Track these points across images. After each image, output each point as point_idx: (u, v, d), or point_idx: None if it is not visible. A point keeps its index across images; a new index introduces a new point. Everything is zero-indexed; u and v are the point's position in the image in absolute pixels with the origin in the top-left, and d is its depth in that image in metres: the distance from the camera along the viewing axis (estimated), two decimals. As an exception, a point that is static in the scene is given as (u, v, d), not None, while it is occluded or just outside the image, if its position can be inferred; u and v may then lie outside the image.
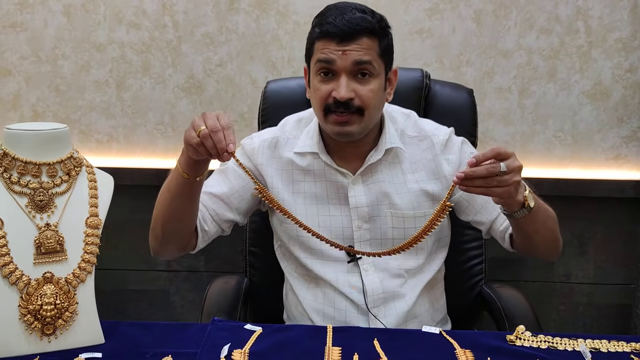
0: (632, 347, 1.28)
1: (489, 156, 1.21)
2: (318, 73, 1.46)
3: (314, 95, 1.49)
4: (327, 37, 1.42)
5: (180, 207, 1.44)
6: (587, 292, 2.45)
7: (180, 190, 1.40)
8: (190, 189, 1.41)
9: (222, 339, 1.26)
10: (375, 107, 1.47)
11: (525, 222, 1.36)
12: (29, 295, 1.21)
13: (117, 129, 2.33)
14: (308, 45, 1.51)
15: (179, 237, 1.50)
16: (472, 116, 1.85)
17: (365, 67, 1.43)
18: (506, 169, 1.21)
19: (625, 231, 2.40)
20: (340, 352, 1.22)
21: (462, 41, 2.24)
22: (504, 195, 1.25)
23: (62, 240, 1.25)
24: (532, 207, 1.32)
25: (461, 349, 1.25)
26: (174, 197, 1.42)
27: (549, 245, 1.51)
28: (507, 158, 1.22)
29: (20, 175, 1.24)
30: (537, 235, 1.44)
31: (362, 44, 1.42)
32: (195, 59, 2.27)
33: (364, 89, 1.44)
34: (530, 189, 1.34)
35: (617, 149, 2.32)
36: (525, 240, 1.47)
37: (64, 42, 2.25)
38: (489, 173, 1.20)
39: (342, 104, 1.42)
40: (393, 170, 1.57)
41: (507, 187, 1.23)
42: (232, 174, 1.58)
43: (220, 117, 1.27)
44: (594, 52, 2.24)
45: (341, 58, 1.41)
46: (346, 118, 1.44)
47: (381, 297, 1.53)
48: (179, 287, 2.47)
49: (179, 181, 1.39)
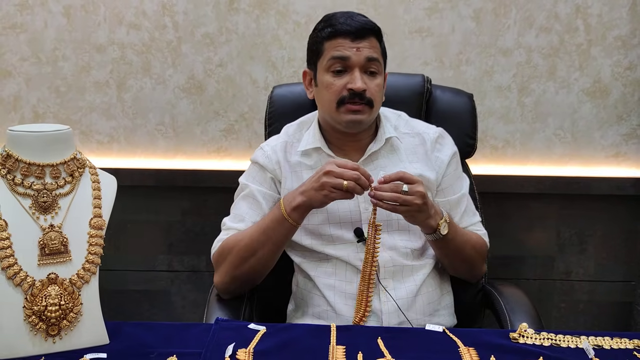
0: (635, 343, 1.28)
1: (394, 178, 1.45)
2: (330, 70, 1.58)
3: (326, 91, 1.60)
4: (341, 35, 1.57)
5: (272, 250, 1.57)
6: (587, 290, 2.46)
7: (282, 237, 1.55)
8: (291, 234, 1.57)
9: (227, 339, 1.26)
10: (380, 101, 1.63)
11: (438, 245, 1.59)
12: (34, 297, 1.21)
13: (118, 129, 2.33)
14: (314, 47, 1.63)
15: (262, 277, 1.64)
16: (472, 120, 1.92)
17: (374, 64, 1.59)
18: (408, 190, 1.43)
19: (626, 228, 2.41)
20: (344, 351, 1.23)
21: (461, 40, 2.25)
22: (407, 215, 1.49)
23: (66, 241, 1.25)
24: (443, 234, 1.53)
25: (465, 347, 1.25)
26: (279, 247, 1.58)
27: (460, 270, 1.71)
28: (412, 183, 1.45)
29: (24, 176, 1.24)
30: (447, 258, 1.66)
31: (371, 42, 1.58)
32: (195, 60, 2.27)
33: (373, 84, 1.59)
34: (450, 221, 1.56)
35: (617, 147, 2.32)
36: (441, 259, 1.67)
37: (64, 43, 2.25)
38: (392, 190, 1.43)
39: (357, 94, 1.56)
40: (392, 159, 1.68)
41: (410, 207, 1.45)
42: (260, 195, 1.66)
43: (344, 165, 1.46)
44: (593, 50, 2.25)
45: (356, 54, 1.56)
46: (360, 107, 1.57)
47: (391, 270, 1.59)
48: (180, 288, 2.47)
49: (289, 233, 1.55)
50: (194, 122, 2.32)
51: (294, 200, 1.50)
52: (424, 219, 1.50)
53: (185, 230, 2.41)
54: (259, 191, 1.66)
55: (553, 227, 2.41)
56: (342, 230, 1.62)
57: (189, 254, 2.43)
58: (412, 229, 1.63)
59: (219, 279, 1.62)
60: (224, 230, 1.66)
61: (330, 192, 1.45)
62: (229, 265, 1.58)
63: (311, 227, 1.63)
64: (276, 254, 1.59)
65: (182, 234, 2.41)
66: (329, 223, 1.62)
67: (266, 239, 1.54)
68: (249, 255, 1.56)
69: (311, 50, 1.64)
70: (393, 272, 1.59)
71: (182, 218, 2.40)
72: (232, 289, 1.62)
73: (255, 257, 1.56)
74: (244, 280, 1.61)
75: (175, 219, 2.40)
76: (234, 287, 1.62)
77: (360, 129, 1.63)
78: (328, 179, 1.44)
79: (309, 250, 1.65)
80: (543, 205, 2.38)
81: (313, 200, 1.48)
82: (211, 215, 2.31)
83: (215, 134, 2.32)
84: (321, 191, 1.46)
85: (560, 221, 2.40)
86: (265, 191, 1.66)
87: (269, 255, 1.56)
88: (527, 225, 2.41)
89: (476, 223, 1.75)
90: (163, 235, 2.42)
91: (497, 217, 2.26)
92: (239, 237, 1.59)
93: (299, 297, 1.69)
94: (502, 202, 2.35)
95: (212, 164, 2.34)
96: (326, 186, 1.44)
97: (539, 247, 2.42)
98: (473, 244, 1.67)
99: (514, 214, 2.39)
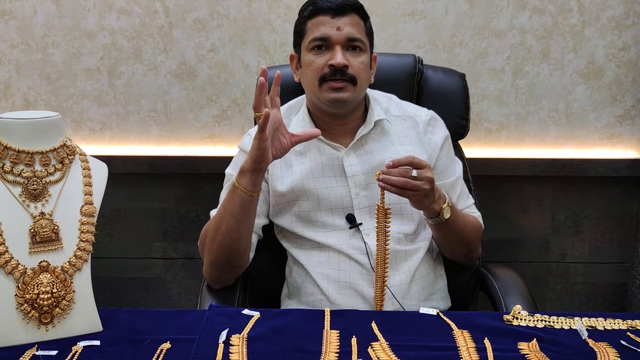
0: (628, 324, 1.29)
1: (404, 162, 1.42)
2: (312, 49, 1.58)
3: (308, 70, 1.59)
4: (321, 13, 1.56)
5: (244, 227, 1.52)
6: (582, 272, 2.46)
7: (244, 210, 1.49)
8: (253, 206, 1.51)
9: (221, 325, 1.26)
10: (365, 79, 1.61)
11: (439, 228, 1.58)
12: (25, 285, 1.20)
13: (110, 116, 2.31)
14: (297, 29, 1.63)
15: (240, 258, 1.58)
16: (464, 100, 1.90)
17: (356, 43, 1.57)
18: (417, 175, 1.41)
19: (620, 210, 2.41)
20: (338, 335, 1.23)
21: (455, 22, 2.23)
22: (414, 200, 1.47)
23: (57, 228, 1.24)
24: (446, 218, 1.53)
25: (458, 329, 1.25)
26: (238, 219, 1.50)
27: (459, 253, 1.71)
28: (421, 168, 1.43)
29: (13, 164, 1.23)
30: (448, 242, 1.66)
31: (352, 19, 1.57)
32: (187, 45, 2.25)
33: (356, 61, 1.57)
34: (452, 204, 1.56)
35: (611, 128, 2.32)
36: (440, 243, 1.68)
37: (54, 30, 2.23)
38: (401, 175, 1.41)
39: (339, 70, 1.54)
40: (383, 142, 1.67)
41: (418, 192, 1.43)
42: None
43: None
44: (587, 31, 2.23)
45: (337, 34, 1.55)
46: (342, 84, 1.56)
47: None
48: (175, 275, 2.47)
49: (242, 202, 1.47)
50: (187, 109, 2.30)
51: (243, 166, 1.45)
52: (430, 204, 1.50)
53: (179, 217, 2.40)
54: None
55: (548, 210, 2.41)
56: (334, 216, 1.61)
57: (184, 240, 2.42)
58: (404, 214, 1.62)
59: (203, 269, 1.60)
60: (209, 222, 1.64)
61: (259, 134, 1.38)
62: (206, 251, 1.57)
63: (302, 214, 1.63)
64: (240, 229, 1.51)
65: (177, 221, 2.41)
66: (320, 209, 1.61)
67: (224, 213, 1.50)
68: (215, 233, 1.52)
69: (295, 32, 1.65)
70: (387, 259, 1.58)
71: (176, 205, 2.39)
72: (217, 276, 1.59)
73: (220, 233, 1.51)
74: (222, 264, 1.56)
75: (169, 206, 2.40)
76: (217, 274, 1.58)
77: (345, 107, 1.61)
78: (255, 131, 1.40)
79: (300, 237, 1.64)
80: (538, 188, 2.38)
81: (252, 157, 1.41)
82: (205, 202, 2.30)
83: (208, 120, 2.31)
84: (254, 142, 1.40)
85: (554, 203, 2.40)
86: None
87: (231, 230, 1.50)
88: (522, 208, 2.41)
89: (470, 205, 1.75)
90: (157, 222, 2.41)
91: (492, 200, 2.26)
92: (210, 222, 1.57)
93: (293, 285, 1.69)
94: (497, 185, 2.34)
95: (205, 151, 2.33)
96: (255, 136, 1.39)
97: (533, 229, 2.42)
98: (471, 226, 1.68)
99: (508, 196, 2.39)
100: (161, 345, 1.19)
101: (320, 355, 1.16)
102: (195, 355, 1.15)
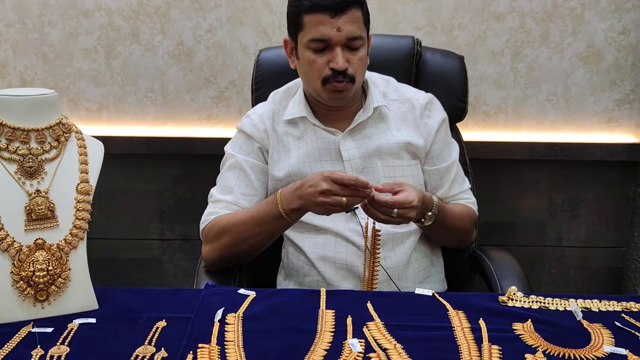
0: (623, 306, 1.29)
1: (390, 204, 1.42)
2: (311, 48, 1.54)
3: (309, 68, 1.56)
4: (319, 10, 1.50)
5: (267, 240, 1.58)
6: (578, 256, 2.47)
7: (278, 231, 1.57)
8: (284, 228, 1.57)
9: (216, 304, 1.26)
10: (363, 73, 1.60)
11: (424, 228, 1.60)
12: (21, 262, 1.20)
13: (107, 97, 2.30)
14: (293, 17, 1.57)
15: (252, 258, 1.64)
16: (462, 82, 1.90)
17: (356, 42, 1.53)
18: (396, 215, 1.43)
19: (617, 194, 2.41)
20: (333, 315, 1.23)
21: (454, 4, 2.22)
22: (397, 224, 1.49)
23: (52, 206, 1.24)
24: (427, 225, 1.55)
25: (454, 310, 1.26)
26: (272, 236, 1.58)
27: (451, 242, 1.74)
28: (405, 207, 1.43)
29: (9, 141, 1.23)
30: (437, 237, 1.70)
31: (352, 16, 1.51)
32: (184, 25, 2.23)
33: (355, 58, 1.54)
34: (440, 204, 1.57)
35: (610, 112, 2.31)
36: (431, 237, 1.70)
37: (51, 9, 2.21)
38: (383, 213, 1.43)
39: (340, 73, 1.53)
40: (380, 127, 1.66)
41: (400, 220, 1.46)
42: (247, 166, 1.65)
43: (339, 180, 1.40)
44: (587, 14, 2.22)
45: (336, 35, 1.51)
46: (343, 85, 1.55)
47: (380, 239, 1.57)
48: (172, 256, 2.47)
49: (283, 227, 1.55)
50: (184, 90, 2.29)
51: (292, 202, 1.47)
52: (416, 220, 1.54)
53: (176, 198, 2.40)
54: (245, 161, 1.65)
55: (545, 193, 2.41)
56: None
57: (181, 222, 2.42)
58: None
59: (207, 255, 1.62)
60: (211, 203, 1.65)
61: (330, 210, 1.43)
62: (220, 245, 1.58)
63: None
64: (270, 242, 1.59)
65: (174, 201, 2.41)
66: None
67: (261, 231, 1.54)
68: (241, 242, 1.56)
69: (291, 20, 1.58)
70: (383, 241, 1.58)
71: (173, 186, 2.39)
72: (220, 264, 1.62)
73: (247, 244, 1.56)
74: (233, 260, 1.62)
75: (166, 187, 2.39)
76: (221, 264, 1.62)
77: (345, 103, 1.62)
78: (325, 198, 1.40)
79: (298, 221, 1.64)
80: (535, 172, 2.38)
81: (313, 210, 1.47)
82: (202, 183, 2.29)
83: (205, 101, 2.30)
84: (320, 207, 1.43)
85: (552, 187, 2.40)
86: (253, 161, 1.65)
87: (262, 244, 1.58)
88: (519, 191, 2.41)
89: (466, 190, 1.74)
90: (154, 203, 2.41)
91: (489, 184, 2.26)
92: (232, 221, 1.57)
93: (290, 268, 1.69)
94: (495, 169, 2.34)
95: (202, 132, 2.33)
96: (324, 205, 1.42)
97: (530, 213, 2.43)
98: (462, 216, 1.68)
99: (506, 180, 2.39)
100: (157, 323, 1.19)
101: (316, 334, 1.16)
102: (191, 333, 1.16)
